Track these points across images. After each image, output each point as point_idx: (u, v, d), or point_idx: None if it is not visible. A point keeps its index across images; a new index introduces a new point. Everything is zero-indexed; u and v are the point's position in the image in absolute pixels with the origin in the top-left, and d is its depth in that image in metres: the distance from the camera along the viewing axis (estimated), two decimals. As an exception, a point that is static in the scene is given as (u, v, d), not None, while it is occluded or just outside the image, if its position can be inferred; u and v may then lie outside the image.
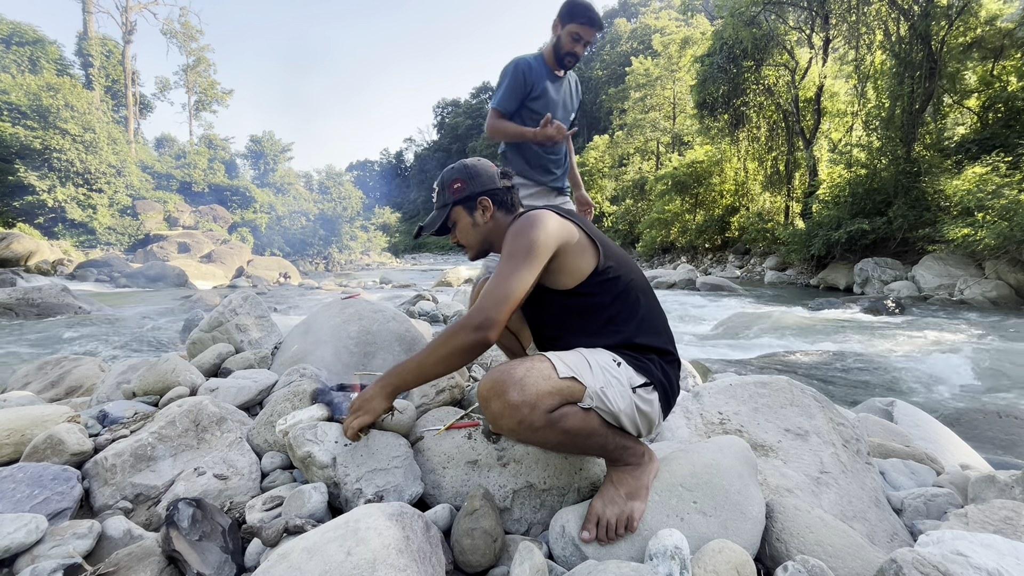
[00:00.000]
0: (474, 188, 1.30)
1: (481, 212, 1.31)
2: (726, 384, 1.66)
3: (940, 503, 1.42)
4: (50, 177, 19.99)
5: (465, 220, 1.33)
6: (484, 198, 1.30)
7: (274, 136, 35.94)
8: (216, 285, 14.58)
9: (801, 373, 4.07)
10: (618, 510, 1.05)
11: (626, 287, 1.18)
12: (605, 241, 1.22)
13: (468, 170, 1.32)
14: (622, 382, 1.07)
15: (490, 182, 1.31)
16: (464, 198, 1.31)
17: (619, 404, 1.05)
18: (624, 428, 1.08)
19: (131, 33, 30.04)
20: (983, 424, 2.55)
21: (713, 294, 11.07)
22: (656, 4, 56.26)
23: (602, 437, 1.06)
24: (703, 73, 17.91)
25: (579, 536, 1.05)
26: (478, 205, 1.31)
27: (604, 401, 1.04)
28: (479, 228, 1.32)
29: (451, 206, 1.32)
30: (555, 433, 1.01)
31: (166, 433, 1.43)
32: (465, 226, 1.33)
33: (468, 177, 1.31)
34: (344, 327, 2.19)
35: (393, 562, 0.78)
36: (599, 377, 1.05)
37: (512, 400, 0.96)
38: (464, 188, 1.30)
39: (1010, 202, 7.99)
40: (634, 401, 1.07)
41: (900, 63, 11.86)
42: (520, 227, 1.14)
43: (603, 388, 1.04)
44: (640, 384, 1.09)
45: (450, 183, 1.32)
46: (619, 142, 33.08)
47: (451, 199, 1.31)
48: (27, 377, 2.51)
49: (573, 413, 1.01)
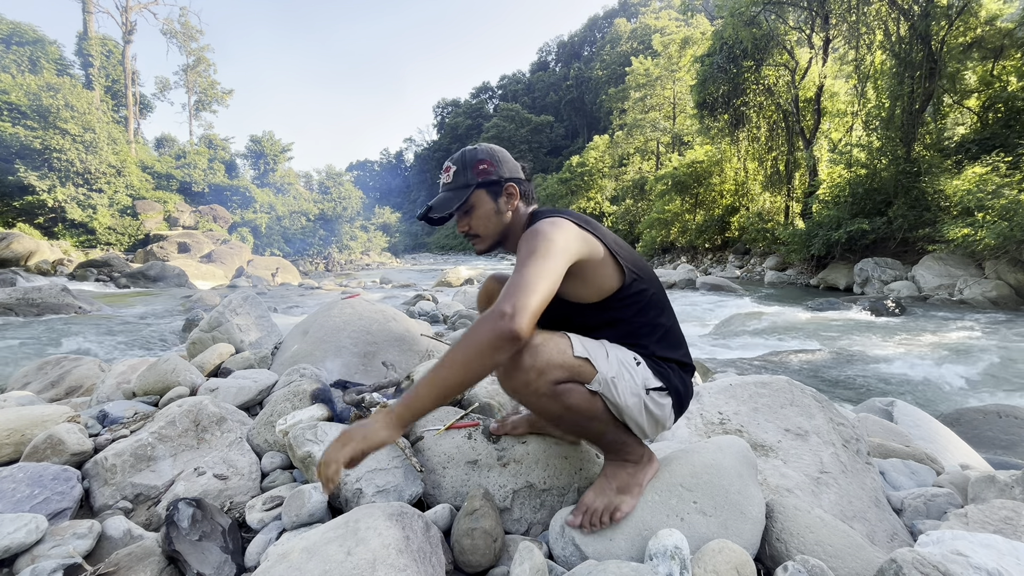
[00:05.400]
0: (501, 171, 1.20)
1: (506, 199, 1.20)
2: (726, 384, 1.66)
3: (940, 503, 1.42)
4: (50, 177, 19.98)
5: (487, 206, 1.19)
6: (512, 184, 1.20)
7: (274, 136, 35.93)
8: (216, 285, 14.57)
9: (801, 373, 4.07)
10: (606, 501, 1.06)
11: (648, 302, 1.15)
12: (628, 253, 1.16)
13: (495, 153, 1.21)
14: (636, 380, 1.06)
15: (516, 170, 1.23)
16: (491, 181, 1.18)
17: (626, 399, 1.04)
18: (627, 424, 1.08)
19: (131, 33, 30.02)
20: (983, 424, 2.55)
21: (713, 294, 11.07)
22: (656, 4, 56.25)
23: (603, 424, 1.06)
24: (703, 73, 17.91)
25: (566, 519, 1.07)
26: (504, 191, 1.19)
27: (612, 391, 1.03)
28: (500, 217, 1.21)
29: (474, 187, 1.17)
30: (557, 405, 1.01)
31: (166, 433, 1.43)
32: (487, 212, 1.20)
33: (495, 160, 1.20)
34: (344, 327, 2.19)
35: (393, 562, 0.78)
36: (613, 367, 1.04)
37: (523, 362, 0.96)
38: (492, 170, 1.18)
39: (1010, 202, 7.99)
40: (644, 401, 1.06)
41: (900, 63, 11.86)
42: (540, 227, 1.06)
43: (614, 378, 1.03)
44: (655, 387, 1.08)
45: (475, 163, 1.19)
46: (619, 142, 33.07)
47: (475, 180, 1.18)
48: (27, 377, 2.51)
49: (578, 391, 1.01)
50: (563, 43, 69.62)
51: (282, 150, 36.50)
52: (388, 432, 0.90)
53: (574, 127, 57.43)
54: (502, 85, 72.13)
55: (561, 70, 66.36)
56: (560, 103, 59.49)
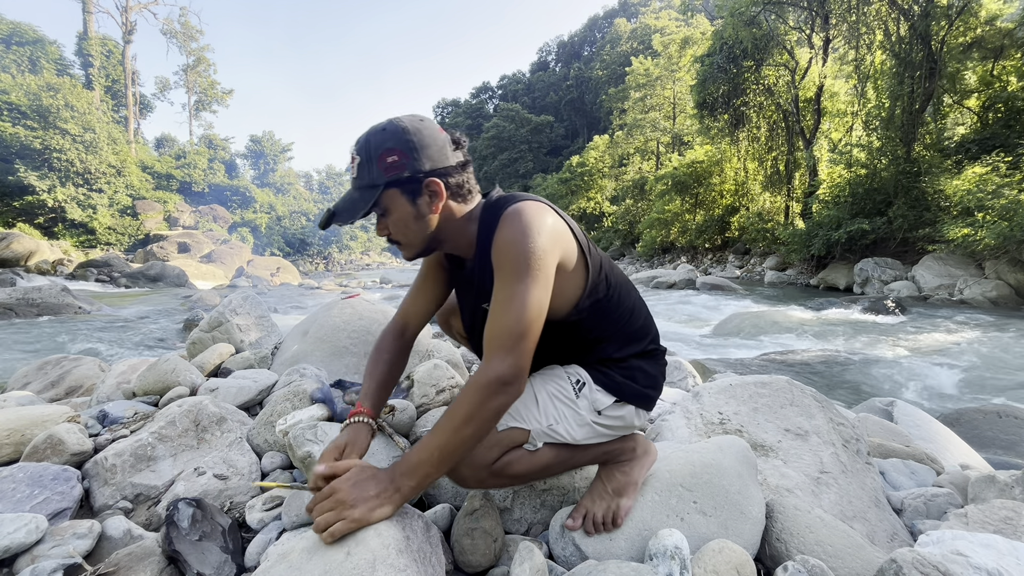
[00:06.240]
0: (417, 165, 0.92)
1: (428, 199, 0.94)
2: (726, 384, 1.66)
3: (940, 503, 1.42)
4: (50, 177, 20.01)
5: (403, 209, 0.94)
6: (433, 180, 0.93)
7: (274, 136, 35.98)
8: (216, 285, 14.58)
9: (801, 373, 4.06)
10: (605, 506, 1.05)
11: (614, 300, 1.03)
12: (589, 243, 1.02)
13: (407, 137, 0.91)
14: (580, 411, 0.99)
15: (439, 157, 0.93)
16: (402, 180, 0.92)
17: (574, 434, 0.99)
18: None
19: (131, 33, 30.04)
20: (983, 424, 2.55)
21: (713, 294, 11.07)
22: (656, 4, 56.25)
23: (567, 462, 1.03)
24: (703, 73, 17.91)
25: (564, 523, 1.06)
26: (424, 190, 0.93)
27: (555, 436, 0.97)
28: (422, 221, 0.95)
29: (382, 188, 0.92)
30: (506, 480, 0.96)
31: (166, 433, 1.43)
32: (404, 217, 0.95)
33: (408, 148, 0.91)
34: (344, 327, 2.19)
35: (393, 562, 0.78)
36: (547, 413, 0.97)
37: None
38: (402, 164, 0.91)
39: (1010, 202, 8.00)
40: (596, 424, 1.01)
41: (900, 63, 11.87)
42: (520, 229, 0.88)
43: (551, 425, 0.97)
44: (608, 405, 1.01)
45: (380, 154, 0.91)
46: (619, 142, 33.08)
47: (382, 178, 0.91)
48: (27, 377, 2.51)
49: (518, 459, 0.95)
50: (563, 43, 69.64)
51: (282, 150, 36.56)
52: (391, 510, 0.84)
53: (574, 127, 57.43)
54: (502, 85, 72.11)
55: (561, 70, 66.36)
56: (560, 103, 59.49)
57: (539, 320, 0.86)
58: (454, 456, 0.86)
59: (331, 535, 0.79)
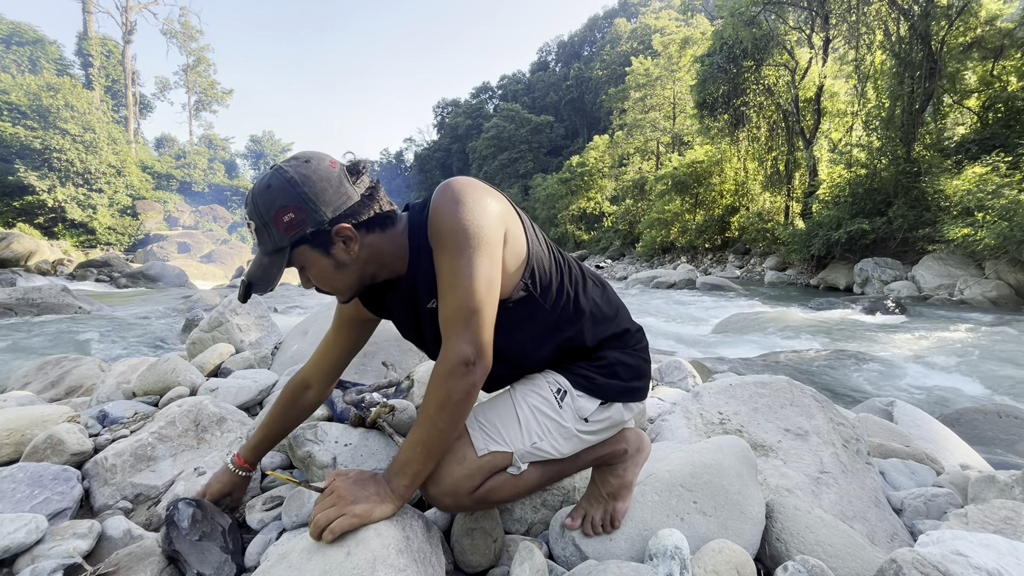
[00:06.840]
0: (318, 217, 0.83)
1: (343, 246, 0.87)
2: (726, 384, 1.66)
3: (940, 503, 1.42)
4: (50, 177, 20.02)
5: (320, 263, 0.87)
6: (341, 227, 0.85)
7: (274, 136, 36.01)
8: (216, 285, 14.57)
9: (801, 373, 4.06)
10: (602, 510, 1.05)
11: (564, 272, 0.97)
12: (531, 221, 0.97)
13: (297, 190, 0.82)
14: (565, 422, 0.95)
15: (339, 199, 0.84)
16: (307, 237, 0.84)
17: (561, 448, 0.96)
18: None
19: (131, 33, 30.05)
20: (983, 424, 2.55)
21: (713, 294, 11.07)
22: (656, 4, 56.22)
23: (556, 476, 1.02)
24: (703, 73, 17.91)
25: (563, 522, 1.06)
26: (334, 238, 0.85)
27: (540, 455, 0.95)
28: (344, 269, 0.89)
29: (288, 249, 0.85)
30: (490, 505, 0.95)
31: (166, 433, 1.43)
32: (323, 270, 0.88)
33: (301, 201, 0.82)
34: (344, 327, 2.19)
35: (393, 562, 0.78)
36: (529, 431, 0.93)
37: (431, 493, 0.90)
38: (300, 220, 0.83)
39: (1010, 202, 8.00)
40: (583, 433, 0.98)
41: (900, 63, 11.87)
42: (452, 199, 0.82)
43: (535, 444, 0.93)
44: (593, 410, 0.98)
45: (274, 216, 0.83)
46: (619, 142, 33.08)
47: (285, 240, 0.84)
48: (27, 377, 2.51)
49: (501, 484, 0.92)
50: (563, 43, 69.62)
51: (282, 150, 36.59)
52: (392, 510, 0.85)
53: (574, 127, 57.41)
54: (502, 85, 72.10)
55: (561, 70, 66.34)
56: (560, 103, 59.46)
57: (491, 292, 0.82)
58: (437, 447, 0.85)
59: (332, 532, 0.78)
